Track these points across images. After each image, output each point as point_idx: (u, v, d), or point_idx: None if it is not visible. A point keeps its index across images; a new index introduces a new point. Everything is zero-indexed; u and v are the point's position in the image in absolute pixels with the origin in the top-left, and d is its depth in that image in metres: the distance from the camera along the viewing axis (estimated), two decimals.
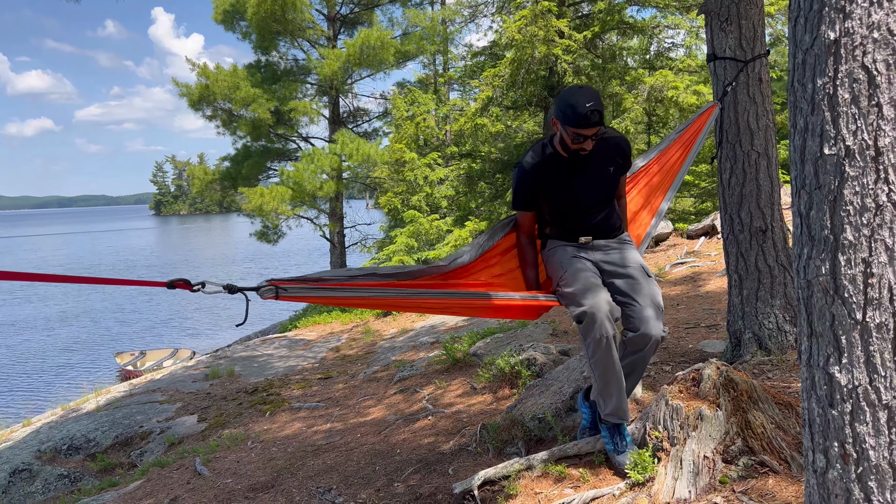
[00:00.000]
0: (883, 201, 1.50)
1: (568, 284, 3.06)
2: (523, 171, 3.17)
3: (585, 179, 3.14)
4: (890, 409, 1.53)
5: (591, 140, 2.96)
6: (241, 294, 2.47)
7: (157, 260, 55.12)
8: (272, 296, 2.53)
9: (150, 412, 7.87)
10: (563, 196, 3.15)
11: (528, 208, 3.24)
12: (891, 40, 1.47)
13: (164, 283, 2.26)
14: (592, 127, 2.89)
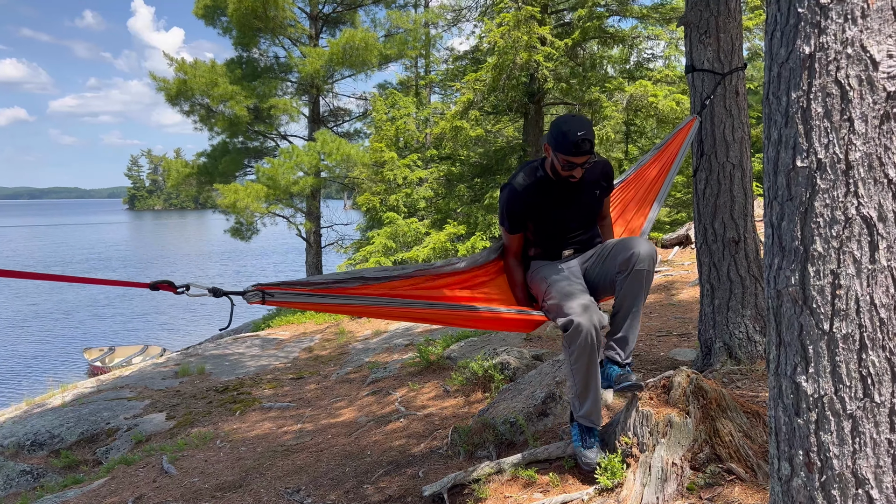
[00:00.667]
0: (852, 214, 1.52)
1: (552, 297, 3.12)
2: (514, 192, 3.20)
3: (573, 204, 3.23)
4: (854, 419, 1.55)
5: (581, 168, 3.03)
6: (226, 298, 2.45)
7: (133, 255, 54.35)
8: (258, 300, 2.51)
9: (117, 409, 7.75)
10: (550, 220, 3.24)
11: (515, 230, 3.29)
12: (864, 56, 1.49)
13: (148, 284, 2.23)
14: (583, 155, 2.95)
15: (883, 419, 1.54)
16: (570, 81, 16.08)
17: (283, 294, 2.59)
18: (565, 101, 17.44)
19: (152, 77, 18.57)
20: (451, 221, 15.81)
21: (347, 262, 18.54)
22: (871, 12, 1.48)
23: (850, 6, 1.50)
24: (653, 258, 3.03)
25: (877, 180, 1.51)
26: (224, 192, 17.54)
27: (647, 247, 3.02)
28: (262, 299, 2.52)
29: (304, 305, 2.85)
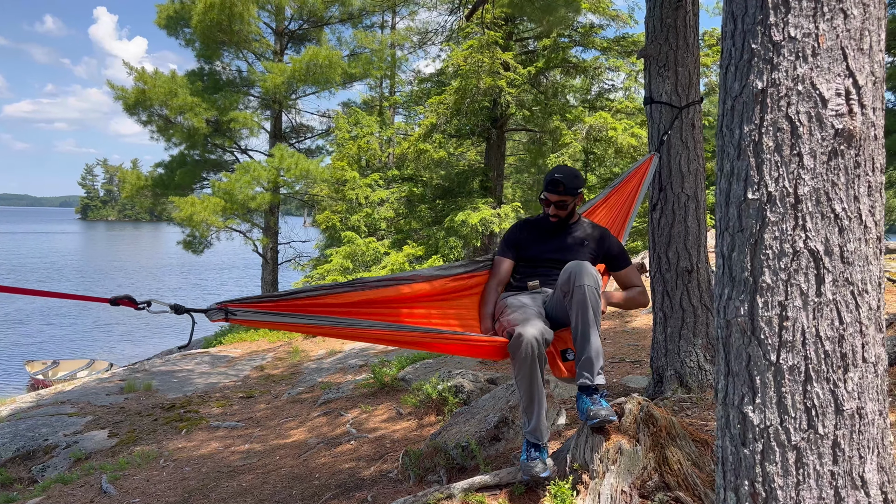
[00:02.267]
0: (800, 247, 1.55)
1: (505, 316, 3.29)
2: (518, 223, 3.72)
3: (558, 240, 3.56)
4: (798, 450, 1.57)
5: (556, 207, 3.45)
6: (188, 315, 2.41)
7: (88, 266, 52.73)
8: (221, 318, 2.47)
9: (56, 425, 7.45)
10: (531, 250, 3.57)
11: (503, 254, 3.61)
12: (813, 94, 1.53)
13: (108, 299, 2.20)
14: (555, 193, 3.42)
15: (826, 451, 1.56)
16: (532, 109, 16.31)
17: (246, 312, 2.56)
18: (527, 127, 17.67)
19: (110, 86, 18.23)
20: (410, 242, 15.79)
21: (304, 279, 18.32)
22: (821, 51, 1.53)
23: (801, 44, 1.54)
24: (592, 275, 3.08)
25: (824, 215, 1.54)
26: (180, 204, 17.21)
27: (586, 267, 3.10)
28: (226, 317, 2.49)
29: (268, 325, 2.79)
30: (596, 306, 3.06)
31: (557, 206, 3.47)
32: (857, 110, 1.53)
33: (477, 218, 14.51)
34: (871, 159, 1.56)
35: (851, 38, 1.53)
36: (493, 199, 16.27)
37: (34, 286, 36.43)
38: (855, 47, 1.53)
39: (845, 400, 1.55)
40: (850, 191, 1.54)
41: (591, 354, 3.11)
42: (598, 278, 3.12)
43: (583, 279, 3.04)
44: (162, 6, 19.17)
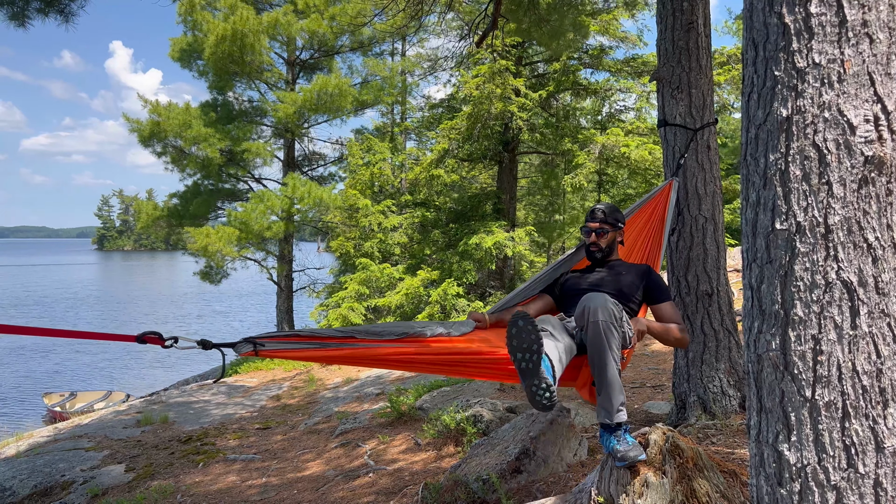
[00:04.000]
0: (832, 279, 1.50)
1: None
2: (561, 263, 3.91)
3: (598, 274, 3.65)
4: (839, 490, 1.50)
5: (596, 234, 3.63)
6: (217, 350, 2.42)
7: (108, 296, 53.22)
8: (250, 351, 2.47)
9: (73, 460, 7.42)
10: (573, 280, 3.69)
11: (546, 289, 3.80)
12: (841, 121, 1.49)
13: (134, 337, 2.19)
14: (594, 221, 3.61)
15: (867, 490, 1.49)
16: (543, 131, 16.33)
17: (273, 343, 2.58)
18: (539, 150, 17.68)
19: (125, 118, 18.47)
20: (424, 267, 15.75)
21: (319, 307, 18.31)
22: (847, 77, 1.49)
23: (826, 71, 1.50)
24: (607, 309, 2.95)
25: (856, 245, 1.49)
26: (195, 235, 17.32)
27: (600, 299, 2.98)
28: (255, 350, 2.50)
29: (295, 354, 2.78)
30: (612, 340, 2.93)
31: (598, 234, 3.62)
32: (887, 136, 1.48)
33: (491, 241, 14.47)
34: None
35: (878, 63, 1.48)
36: (507, 222, 16.24)
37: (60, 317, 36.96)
38: (882, 72, 1.48)
39: (886, 437, 1.48)
40: (883, 219, 1.48)
41: (609, 392, 2.96)
42: (617, 309, 3.03)
43: (597, 314, 2.93)
44: (175, 39, 19.49)
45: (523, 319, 2.74)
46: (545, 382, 2.71)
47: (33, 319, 37.86)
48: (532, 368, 2.72)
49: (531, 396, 2.75)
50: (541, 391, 2.72)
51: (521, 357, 2.74)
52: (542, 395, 2.72)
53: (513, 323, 2.76)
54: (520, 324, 2.74)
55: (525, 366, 2.74)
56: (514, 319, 2.76)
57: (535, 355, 2.72)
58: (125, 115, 18.32)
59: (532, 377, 2.73)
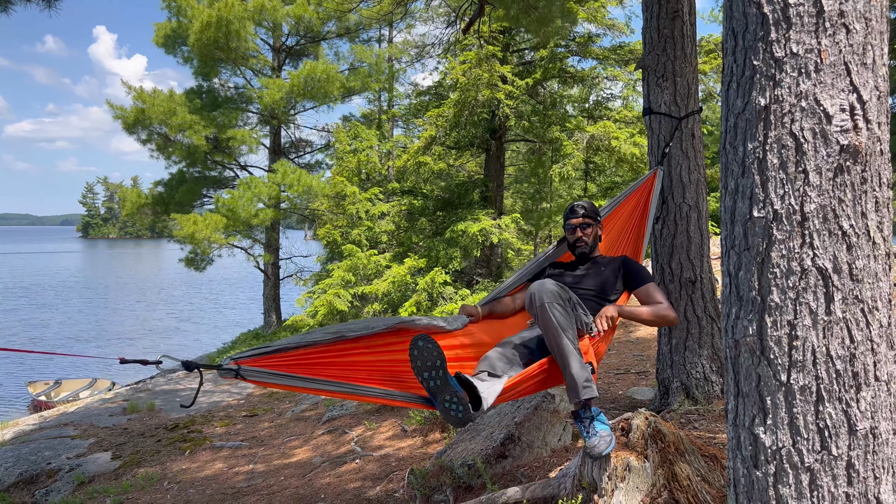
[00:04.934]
0: (808, 266, 1.53)
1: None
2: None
3: (580, 272, 3.67)
4: (812, 472, 1.54)
5: (580, 230, 3.65)
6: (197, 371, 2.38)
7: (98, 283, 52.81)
8: (231, 376, 2.43)
9: (59, 448, 7.40)
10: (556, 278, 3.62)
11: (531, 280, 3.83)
12: (817, 110, 1.51)
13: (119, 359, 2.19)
14: (577, 217, 3.65)
15: (840, 472, 1.53)
16: (531, 119, 16.32)
17: (255, 373, 2.52)
18: (526, 138, 17.68)
19: (109, 105, 18.26)
20: (411, 255, 15.75)
21: (306, 294, 18.26)
22: (824, 67, 1.51)
23: (803, 60, 1.52)
24: (550, 292, 3.00)
25: (831, 232, 1.51)
26: (182, 222, 17.20)
27: (543, 286, 3.03)
28: (236, 376, 2.44)
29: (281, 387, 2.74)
30: (564, 324, 2.97)
31: (582, 229, 3.66)
32: (863, 125, 1.51)
33: (477, 228, 14.49)
34: (878, 175, 1.54)
35: (854, 53, 1.51)
36: (494, 210, 16.26)
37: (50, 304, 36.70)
38: (858, 62, 1.51)
39: (858, 420, 1.52)
40: (858, 207, 1.51)
41: (570, 371, 2.96)
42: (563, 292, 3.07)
43: (542, 299, 2.98)
44: (160, 25, 19.27)
45: (423, 340, 2.75)
46: (456, 396, 2.72)
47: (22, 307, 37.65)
48: (440, 385, 2.75)
49: (444, 412, 2.77)
50: (453, 406, 2.74)
51: (428, 376, 2.76)
52: (455, 409, 2.73)
53: (413, 345, 2.76)
54: (420, 344, 2.75)
55: (433, 384, 2.76)
56: (414, 341, 2.77)
57: (439, 371, 2.74)
58: (109, 102, 18.13)
59: (442, 393, 2.75)
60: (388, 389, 2.92)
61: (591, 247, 3.73)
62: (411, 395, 2.96)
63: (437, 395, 2.76)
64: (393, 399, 2.93)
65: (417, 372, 2.77)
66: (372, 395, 2.86)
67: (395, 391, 2.94)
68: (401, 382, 3.01)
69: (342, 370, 2.86)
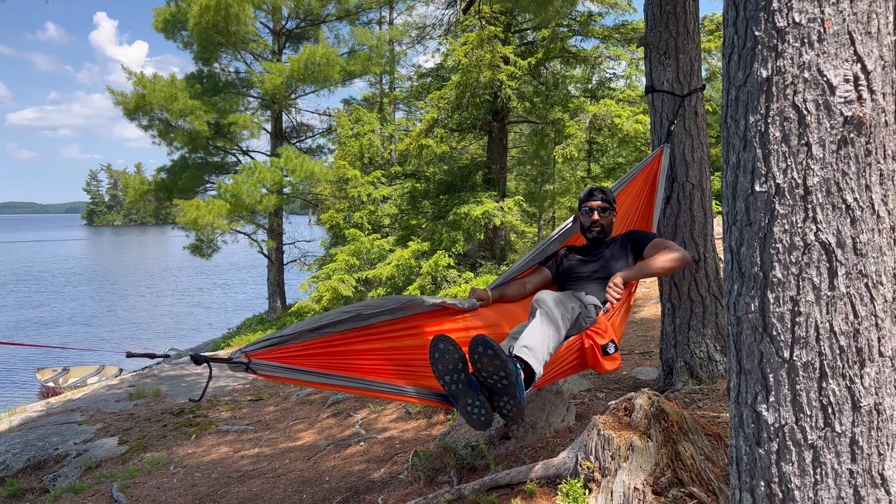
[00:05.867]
0: (811, 240, 1.50)
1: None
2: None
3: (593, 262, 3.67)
4: (815, 449, 1.52)
5: (598, 213, 3.66)
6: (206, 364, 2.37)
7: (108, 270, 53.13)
8: (242, 370, 2.39)
9: (66, 433, 7.45)
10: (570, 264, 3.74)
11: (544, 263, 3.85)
12: (821, 81, 1.48)
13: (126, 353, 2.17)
14: (596, 200, 3.68)
15: (844, 449, 1.51)
16: (533, 100, 16.21)
17: (266, 366, 2.47)
18: (529, 119, 17.57)
19: (110, 91, 18.21)
20: (414, 238, 15.73)
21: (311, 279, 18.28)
22: (827, 36, 1.47)
23: (806, 30, 1.48)
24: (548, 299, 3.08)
25: (835, 206, 1.49)
26: (185, 208, 17.20)
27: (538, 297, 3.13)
28: (247, 369, 2.40)
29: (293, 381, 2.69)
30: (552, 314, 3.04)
31: (600, 212, 3.67)
32: (867, 96, 1.47)
33: (480, 211, 14.44)
34: (883, 146, 1.50)
35: (859, 22, 1.47)
36: (497, 192, 16.20)
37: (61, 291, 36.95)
38: (863, 31, 1.47)
39: (862, 396, 1.50)
40: (862, 180, 1.48)
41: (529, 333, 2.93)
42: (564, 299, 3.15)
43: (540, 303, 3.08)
44: (159, 9, 19.15)
45: (443, 341, 2.69)
46: (478, 400, 2.68)
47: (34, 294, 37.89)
48: (462, 388, 2.70)
49: (466, 416, 2.73)
50: (475, 410, 2.70)
51: (450, 379, 2.71)
52: (478, 414, 2.70)
53: (434, 347, 2.70)
54: (441, 346, 2.69)
55: (455, 388, 2.71)
56: (434, 343, 2.70)
57: (461, 374, 2.69)
58: (109, 88, 18.08)
59: (464, 397, 2.70)
60: (401, 385, 2.87)
61: (605, 232, 3.73)
62: (426, 392, 2.91)
63: (459, 398, 2.72)
64: (406, 396, 2.89)
65: (439, 375, 2.72)
66: (385, 391, 2.82)
67: (408, 387, 2.89)
68: (414, 373, 2.96)
69: (354, 360, 2.81)
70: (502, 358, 2.59)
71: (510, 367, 2.61)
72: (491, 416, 2.70)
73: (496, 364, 2.60)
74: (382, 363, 2.89)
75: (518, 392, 2.64)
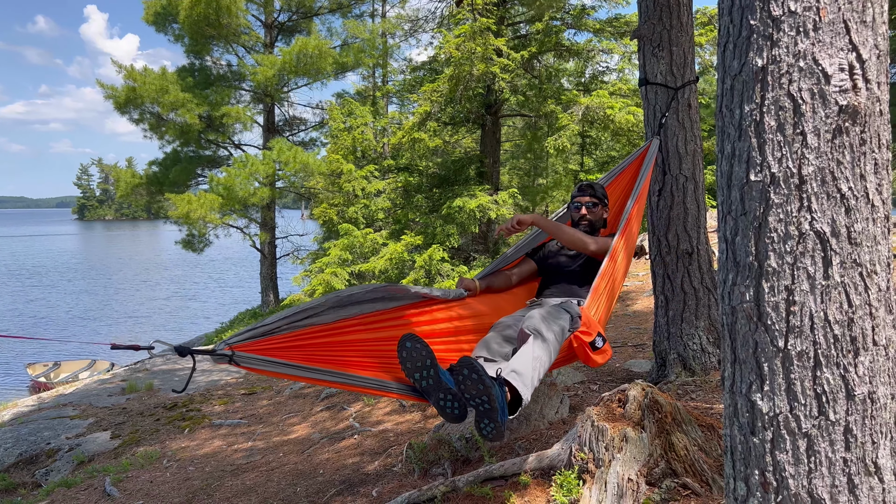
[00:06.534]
0: (806, 229, 1.50)
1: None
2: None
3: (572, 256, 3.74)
4: (809, 438, 1.53)
5: (586, 208, 3.76)
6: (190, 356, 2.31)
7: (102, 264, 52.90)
8: (225, 362, 2.34)
9: (58, 428, 7.43)
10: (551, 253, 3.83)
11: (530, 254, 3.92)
12: (816, 70, 1.48)
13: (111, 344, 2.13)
14: (585, 196, 3.79)
15: (838, 437, 1.51)
16: (526, 93, 16.18)
17: (250, 359, 2.42)
18: (522, 112, 17.55)
19: (100, 85, 18.08)
20: (408, 232, 15.70)
21: (303, 273, 18.23)
22: (822, 25, 1.47)
23: (801, 19, 1.48)
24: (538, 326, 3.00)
25: (829, 195, 1.49)
26: (177, 202, 17.10)
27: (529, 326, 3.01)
28: (230, 361, 2.34)
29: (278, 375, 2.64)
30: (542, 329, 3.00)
31: (589, 207, 3.76)
32: (862, 85, 1.47)
33: (474, 204, 14.43)
34: (877, 136, 1.50)
35: (854, 11, 1.47)
36: (490, 186, 16.18)
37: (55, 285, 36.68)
38: (857, 20, 1.47)
39: (856, 385, 1.50)
40: (856, 169, 1.48)
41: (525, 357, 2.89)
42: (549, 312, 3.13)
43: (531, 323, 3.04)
44: (149, 2, 19.01)
45: (410, 340, 2.70)
46: (450, 394, 2.69)
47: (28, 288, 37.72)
48: (433, 384, 2.70)
49: (440, 411, 2.74)
50: (447, 403, 2.70)
51: (419, 376, 2.71)
52: (451, 407, 2.70)
53: (401, 346, 2.71)
54: (407, 345, 2.69)
55: (426, 384, 2.71)
56: (401, 342, 2.71)
57: (430, 370, 2.70)
58: (100, 82, 17.96)
59: (436, 392, 2.71)
60: (383, 380, 2.86)
61: (593, 227, 3.75)
62: (407, 388, 2.92)
63: (431, 394, 2.72)
64: (389, 391, 2.88)
65: (409, 374, 2.72)
66: (367, 385, 2.81)
67: (390, 382, 2.88)
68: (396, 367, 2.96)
69: (338, 353, 2.78)
70: (486, 383, 2.59)
71: (493, 392, 2.60)
72: (465, 409, 2.70)
73: (479, 388, 2.59)
74: (366, 356, 2.87)
75: (500, 416, 2.62)
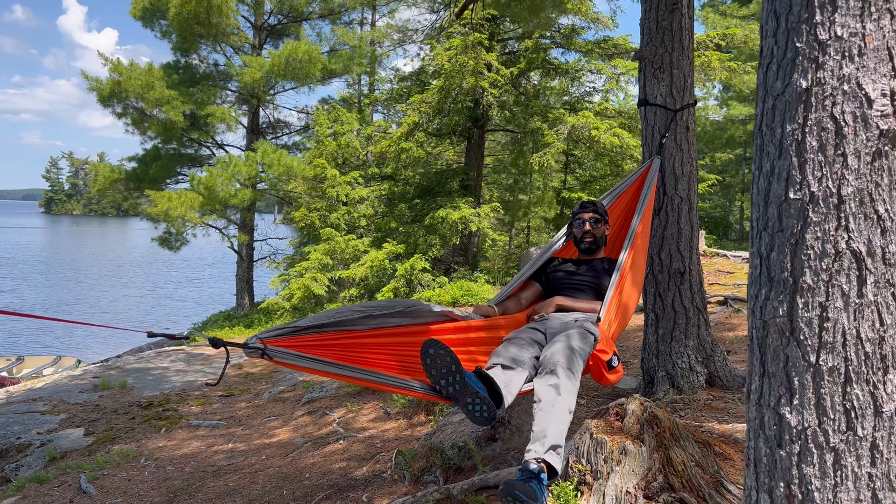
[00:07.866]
0: (842, 248, 1.54)
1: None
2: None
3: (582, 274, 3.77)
4: (837, 452, 1.56)
5: (590, 224, 3.81)
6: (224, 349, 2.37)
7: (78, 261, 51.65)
8: (257, 355, 2.39)
9: (29, 423, 7.25)
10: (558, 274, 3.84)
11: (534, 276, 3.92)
12: (859, 94, 1.52)
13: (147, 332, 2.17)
14: (588, 211, 3.84)
15: (865, 453, 1.55)
16: (513, 109, 16.31)
17: (283, 354, 2.47)
18: (507, 128, 17.68)
19: (84, 76, 17.81)
20: (390, 240, 15.68)
21: (279, 277, 18.09)
22: (867, 51, 1.52)
23: (847, 44, 1.53)
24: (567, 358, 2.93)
25: (867, 216, 1.53)
26: (156, 199, 16.87)
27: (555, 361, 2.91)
28: (262, 355, 2.40)
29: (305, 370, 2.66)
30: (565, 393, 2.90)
31: (592, 224, 3.81)
32: None
33: (457, 215, 14.47)
34: None
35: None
36: (473, 199, 16.25)
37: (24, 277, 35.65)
38: None
39: (884, 402, 1.54)
40: (893, 192, 1.53)
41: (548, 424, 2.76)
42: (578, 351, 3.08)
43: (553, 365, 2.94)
44: None
45: (433, 347, 2.72)
46: (478, 397, 2.70)
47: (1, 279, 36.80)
48: (460, 390, 2.72)
49: (469, 415, 2.74)
50: (476, 407, 2.71)
51: (446, 383, 2.73)
52: (480, 411, 2.71)
53: (424, 353, 2.73)
54: (431, 352, 2.72)
55: (452, 390, 2.73)
56: (424, 349, 2.73)
57: (456, 375, 2.72)
58: (84, 73, 17.67)
59: (464, 396, 2.73)
60: (407, 380, 2.88)
61: (597, 243, 3.81)
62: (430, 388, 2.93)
63: (459, 399, 2.73)
64: (413, 391, 2.90)
65: (434, 381, 2.74)
66: (393, 384, 2.84)
67: (415, 383, 2.90)
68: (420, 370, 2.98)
69: (364, 354, 2.85)
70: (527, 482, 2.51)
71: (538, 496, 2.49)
72: (493, 411, 2.71)
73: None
74: (390, 359, 2.93)
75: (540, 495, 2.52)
